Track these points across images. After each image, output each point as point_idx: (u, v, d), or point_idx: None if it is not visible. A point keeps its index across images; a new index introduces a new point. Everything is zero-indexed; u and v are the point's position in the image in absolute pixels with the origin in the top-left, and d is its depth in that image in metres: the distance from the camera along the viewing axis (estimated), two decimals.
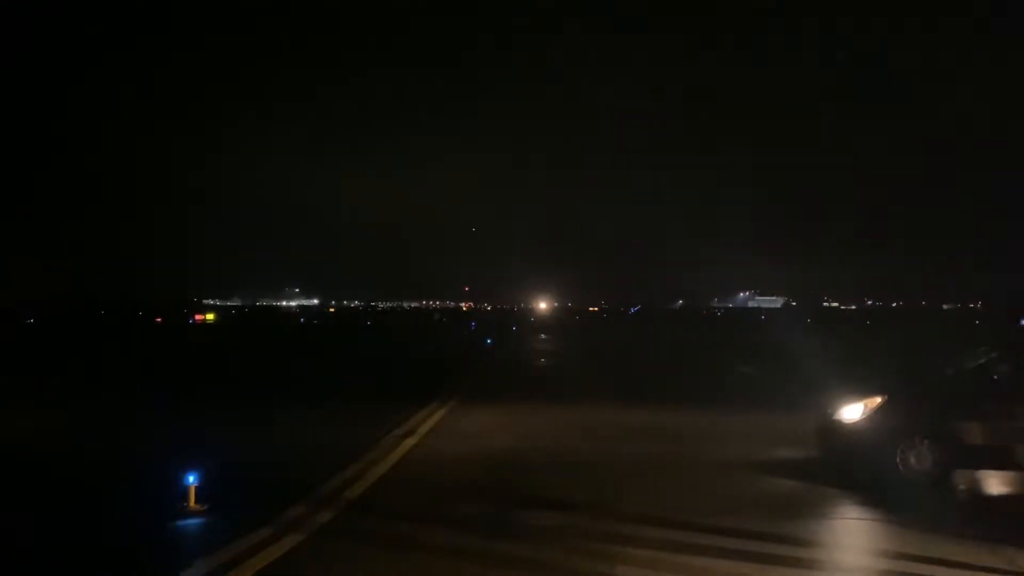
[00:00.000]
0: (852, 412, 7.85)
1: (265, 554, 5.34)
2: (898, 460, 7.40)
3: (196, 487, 6.44)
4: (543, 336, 42.53)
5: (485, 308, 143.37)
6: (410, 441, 9.70)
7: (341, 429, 10.81)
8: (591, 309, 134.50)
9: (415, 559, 5.29)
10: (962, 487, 7.48)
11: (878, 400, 7.75)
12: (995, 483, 7.55)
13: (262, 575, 5.00)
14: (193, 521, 6.19)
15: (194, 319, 71.46)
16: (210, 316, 75.68)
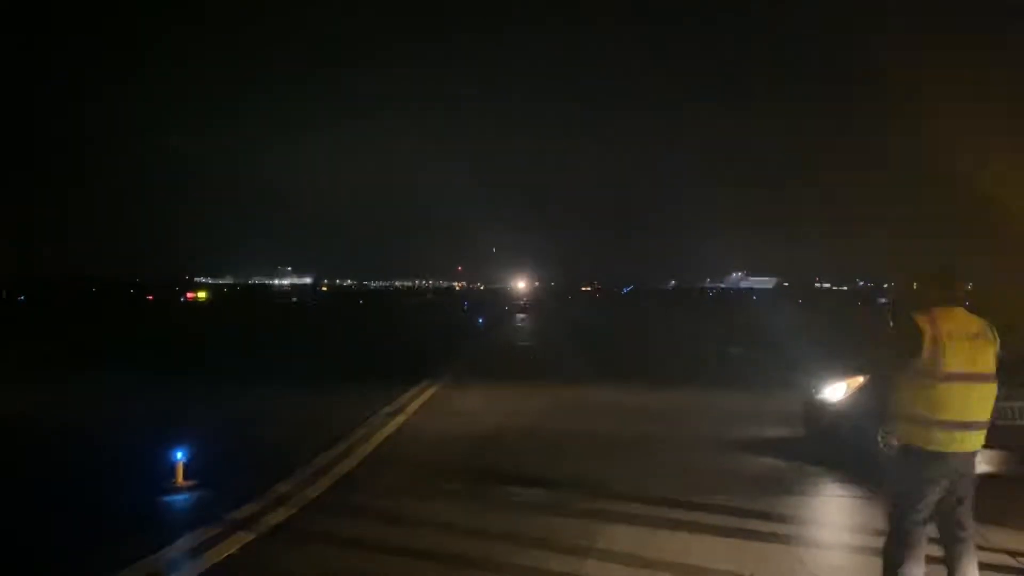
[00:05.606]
0: (835, 392, 7.93)
1: (252, 528, 5.40)
2: (879, 439, 7.49)
3: (184, 463, 6.49)
4: (536, 316, 42.60)
5: (478, 287, 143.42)
6: (399, 419, 9.76)
7: (331, 407, 10.86)
8: (584, 289, 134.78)
9: (401, 533, 5.36)
10: None
11: (860, 380, 7.83)
12: (977, 463, 7.65)
13: (248, 549, 5.06)
14: (181, 497, 6.24)
15: (185, 297, 71.40)
16: (202, 294, 75.62)
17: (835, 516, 6.19)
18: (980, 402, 3.82)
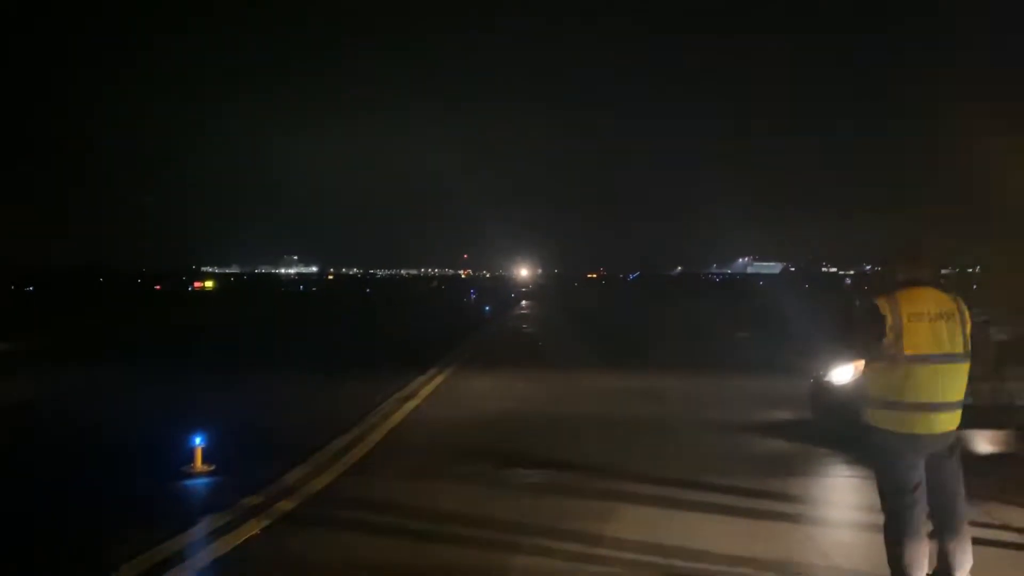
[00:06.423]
0: (842, 375, 7.96)
1: (268, 513, 5.48)
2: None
3: (202, 448, 6.59)
4: (542, 304, 42.66)
5: (484, 275, 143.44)
6: (410, 405, 9.87)
7: (343, 394, 10.98)
8: (590, 276, 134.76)
9: (414, 517, 5.44)
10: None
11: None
12: (979, 442, 7.73)
13: (264, 533, 5.14)
14: (199, 481, 6.35)
15: (193, 286, 71.75)
16: (209, 283, 75.98)
17: (843, 496, 6.26)
18: (948, 383, 3.74)
